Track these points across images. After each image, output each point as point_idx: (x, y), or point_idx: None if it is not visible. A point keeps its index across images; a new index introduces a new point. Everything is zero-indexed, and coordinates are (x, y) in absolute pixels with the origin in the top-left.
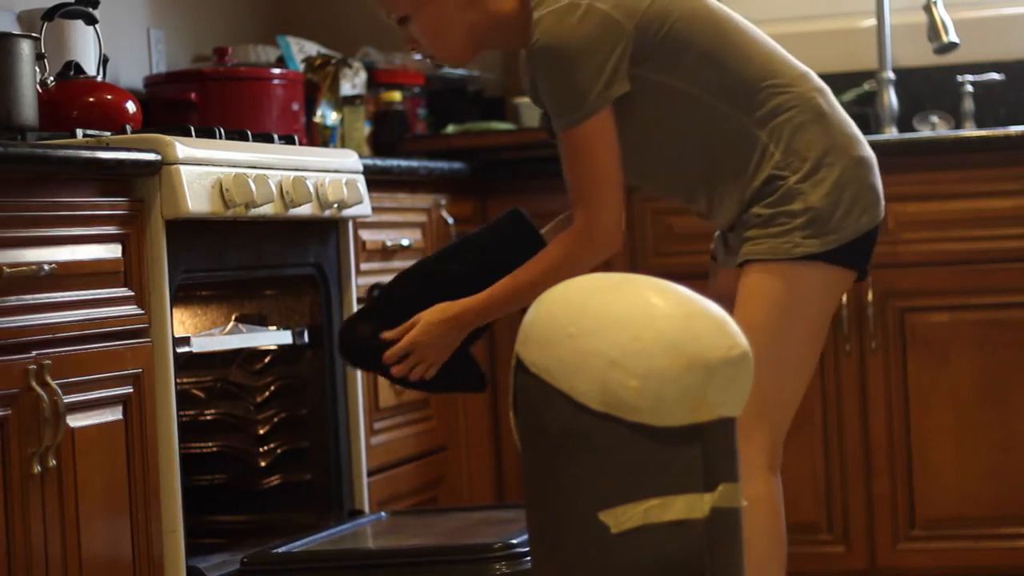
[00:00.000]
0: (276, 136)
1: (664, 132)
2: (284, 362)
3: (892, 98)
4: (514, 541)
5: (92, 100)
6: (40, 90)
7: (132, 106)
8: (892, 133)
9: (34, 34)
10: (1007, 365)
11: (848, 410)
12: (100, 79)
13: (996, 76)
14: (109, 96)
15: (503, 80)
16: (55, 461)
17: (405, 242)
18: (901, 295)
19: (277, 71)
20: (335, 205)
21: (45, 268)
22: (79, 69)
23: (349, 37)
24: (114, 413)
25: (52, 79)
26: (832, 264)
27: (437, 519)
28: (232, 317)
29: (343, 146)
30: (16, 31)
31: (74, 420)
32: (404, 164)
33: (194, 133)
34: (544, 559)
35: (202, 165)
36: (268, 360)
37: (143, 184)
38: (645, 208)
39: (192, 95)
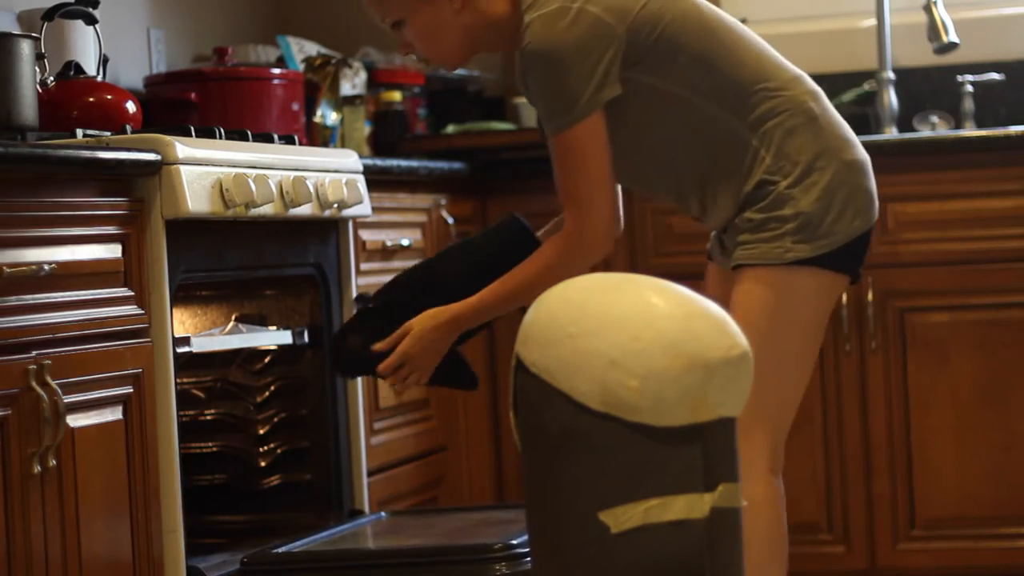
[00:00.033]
0: (276, 136)
1: (656, 135)
2: (284, 362)
3: (892, 98)
4: (514, 541)
5: (92, 100)
6: (40, 90)
7: (132, 106)
8: (892, 133)
9: (34, 34)
10: (1007, 365)
11: (848, 410)
12: (100, 79)
13: (996, 76)
14: (109, 96)
15: (503, 80)
16: (55, 461)
17: (405, 242)
18: (901, 295)
19: (277, 71)
20: (335, 205)
21: (45, 268)
22: (79, 69)
23: (349, 37)
24: (114, 413)
25: (52, 79)
26: (824, 268)
27: (437, 519)
28: (232, 317)
29: (343, 146)
30: (16, 31)
31: (74, 420)
32: (404, 164)
33: (194, 133)
34: (544, 559)
35: (202, 165)
36: (268, 360)
37: (143, 184)
38: (645, 208)
39: (192, 95)
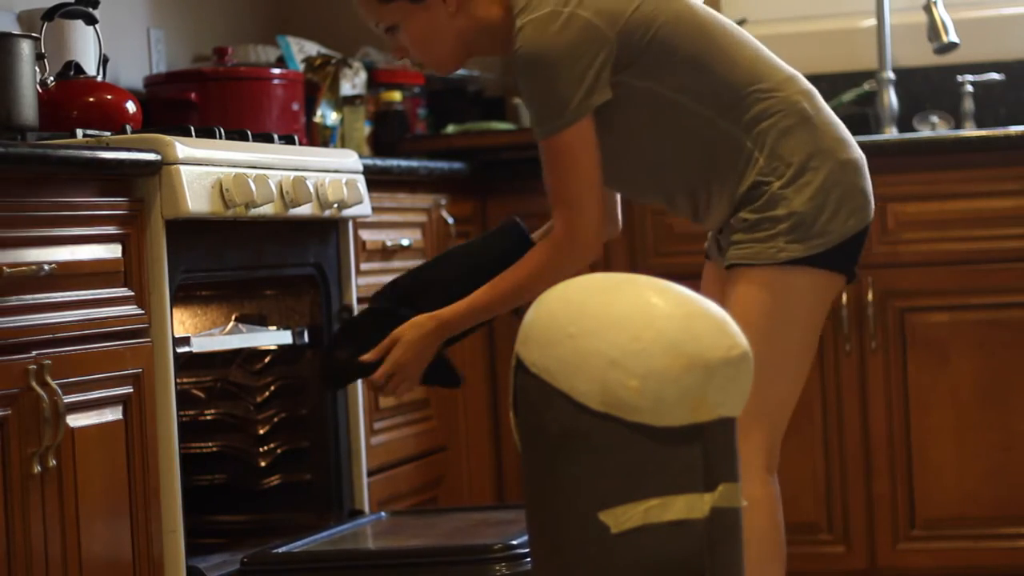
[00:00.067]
0: (276, 136)
1: (648, 138)
2: (284, 362)
3: (892, 98)
4: (514, 542)
5: (92, 100)
6: (40, 90)
7: (132, 106)
8: (892, 133)
9: (34, 34)
10: (1007, 365)
11: (848, 410)
12: (100, 79)
13: (996, 76)
14: (109, 96)
15: (503, 80)
16: (55, 461)
17: (405, 242)
18: (901, 295)
19: (277, 71)
20: (335, 205)
21: (45, 268)
22: (79, 69)
23: (349, 37)
24: (114, 413)
25: (52, 79)
26: (819, 268)
27: (437, 519)
28: (232, 317)
29: (343, 146)
30: (16, 31)
31: (74, 420)
32: (404, 164)
33: (194, 133)
34: (544, 559)
35: (202, 165)
36: (268, 360)
37: (143, 184)
38: (645, 208)
39: (192, 95)
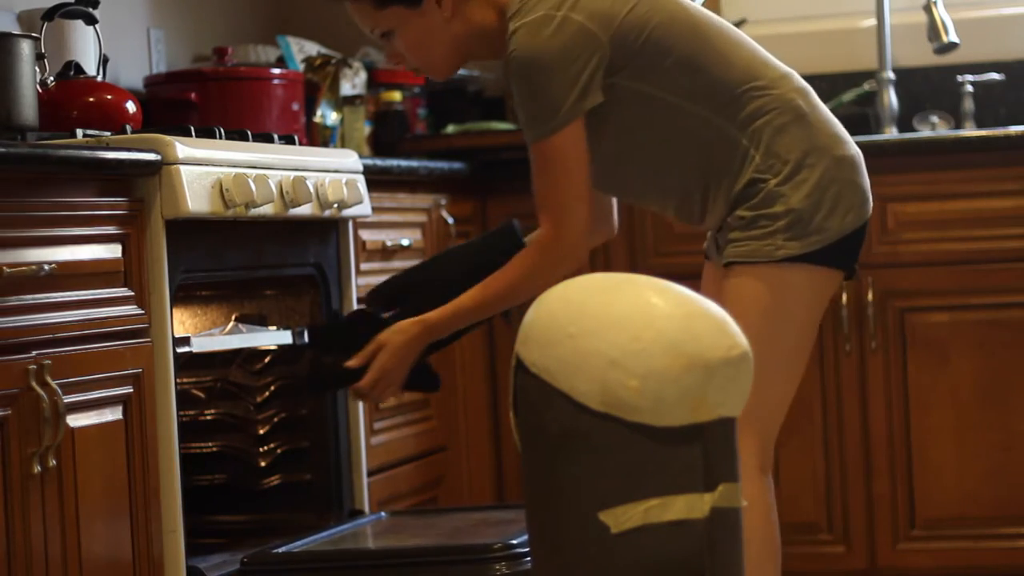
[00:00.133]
0: (276, 136)
1: (643, 140)
2: (284, 362)
3: (892, 98)
4: (514, 541)
5: (92, 100)
6: (40, 90)
7: (132, 106)
8: (892, 133)
9: (34, 34)
10: (1007, 365)
11: (848, 410)
12: (100, 79)
13: (996, 76)
14: (109, 96)
15: (503, 80)
16: (55, 461)
17: (405, 242)
18: (901, 295)
19: (277, 71)
20: (335, 205)
21: (45, 268)
22: (79, 69)
23: (349, 37)
24: (114, 413)
25: (52, 79)
26: (817, 265)
27: (437, 519)
28: (232, 317)
29: (343, 146)
30: (16, 31)
31: (74, 420)
32: (404, 164)
33: (194, 133)
34: (544, 559)
35: (202, 165)
36: (268, 360)
37: (143, 184)
38: (645, 208)
39: (192, 95)
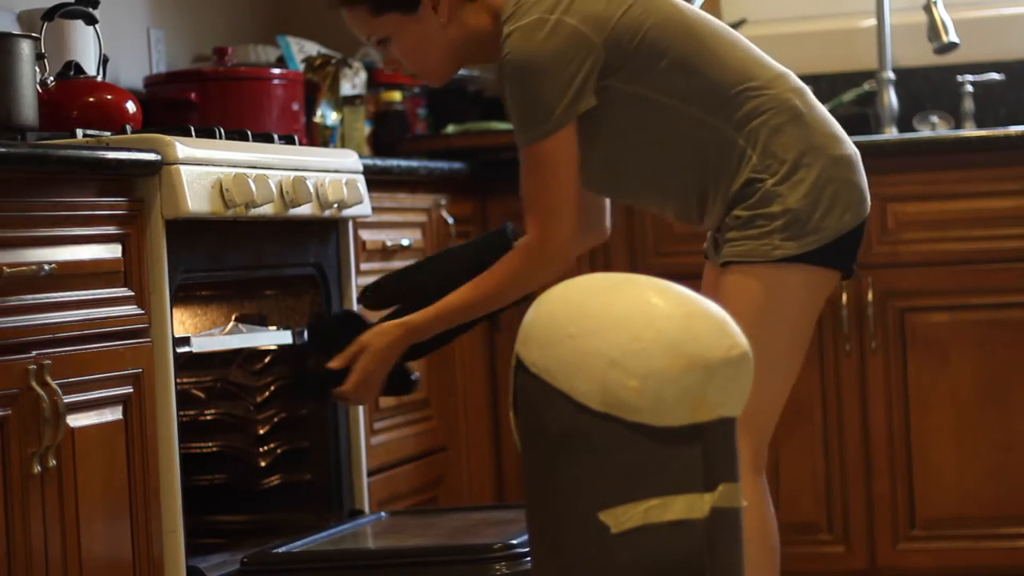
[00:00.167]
0: (276, 136)
1: (639, 142)
2: (284, 362)
3: (892, 98)
4: (514, 541)
5: (92, 100)
6: (40, 90)
7: (132, 106)
8: (892, 133)
9: (34, 34)
10: (1007, 365)
11: (848, 410)
12: (100, 79)
13: (996, 76)
14: (109, 96)
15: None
16: (55, 461)
17: (405, 242)
18: (901, 295)
19: (277, 71)
20: (335, 205)
21: (45, 268)
22: (79, 69)
23: (349, 37)
24: (114, 413)
25: (52, 79)
26: (814, 265)
27: (437, 519)
28: (232, 317)
29: (343, 146)
30: (16, 31)
31: (74, 420)
32: (404, 164)
33: (194, 133)
34: (544, 559)
35: (202, 165)
36: (268, 360)
37: (143, 184)
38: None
39: (192, 95)
